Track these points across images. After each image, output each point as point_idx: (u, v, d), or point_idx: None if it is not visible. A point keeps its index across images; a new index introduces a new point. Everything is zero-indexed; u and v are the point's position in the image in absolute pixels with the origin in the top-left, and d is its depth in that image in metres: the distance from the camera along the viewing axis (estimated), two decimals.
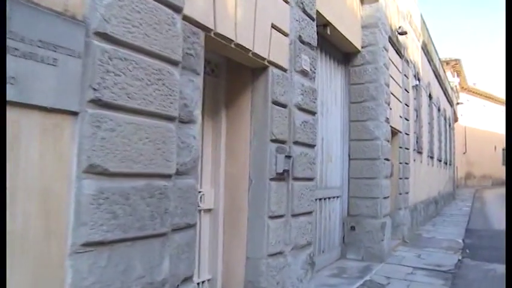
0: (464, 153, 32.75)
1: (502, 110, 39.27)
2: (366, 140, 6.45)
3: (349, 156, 6.58)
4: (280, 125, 3.46)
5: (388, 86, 6.81)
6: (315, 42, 4.11)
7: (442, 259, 6.41)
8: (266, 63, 3.43)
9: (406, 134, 8.40)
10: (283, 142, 3.49)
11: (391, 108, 7.14)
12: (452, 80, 24.44)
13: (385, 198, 6.41)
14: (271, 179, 3.34)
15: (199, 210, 3.38)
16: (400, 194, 7.94)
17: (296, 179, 3.58)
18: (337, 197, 6.36)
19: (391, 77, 7.30)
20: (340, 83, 6.60)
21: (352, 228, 6.39)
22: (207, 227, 3.46)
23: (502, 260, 5.21)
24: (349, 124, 6.63)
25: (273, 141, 3.38)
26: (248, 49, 3.18)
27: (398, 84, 8.01)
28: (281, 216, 3.42)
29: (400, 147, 7.99)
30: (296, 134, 3.62)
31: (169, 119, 2.35)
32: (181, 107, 2.47)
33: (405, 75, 8.51)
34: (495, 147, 39.40)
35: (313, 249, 5.54)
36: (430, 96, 12.48)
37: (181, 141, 2.47)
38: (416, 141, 9.91)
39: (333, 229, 6.19)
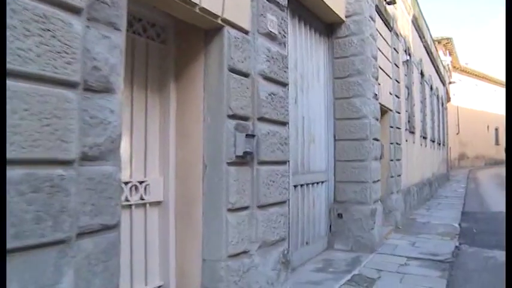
0: (457, 133, 32.38)
1: (494, 89, 38.96)
2: (353, 119, 5.85)
3: (334, 137, 5.98)
4: (240, 98, 2.83)
5: (375, 59, 6.19)
6: (284, 1, 3.46)
7: (438, 246, 5.88)
8: (220, 22, 2.78)
9: (397, 112, 7.82)
10: (244, 118, 2.86)
11: (379, 84, 6.53)
12: (444, 59, 23.84)
13: (374, 182, 5.84)
14: (230, 164, 2.73)
15: (145, 204, 2.78)
16: (392, 177, 7.39)
17: (263, 162, 2.97)
18: (323, 182, 5.78)
19: (379, 50, 6.67)
20: (323, 57, 5.96)
21: (340, 215, 5.83)
22: (155, 223, 2.86)
23: (501, 246, 4.68)
24: (333, 101, 6.02)
25: (231, 117, 2.76)
26: (193, 2, 2.53)
27: (388, 59, 7.38)
28: (244, 208, 2.82)
29: (391, 127, 7.41)
30: (261, 108, 3.00)
31: (66, 85, 1.71)
32: (90, 70, 1.83)
33: (395, 48, 7.88)
34: (488, 127, 39.11)
35: (296, 241, 5.00)
36: (422, 74, 11.88)
37: (91, 116, 1.84)
38: (408, 121, 9.34)
39: (318, 217, 5.63)
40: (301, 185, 5.13)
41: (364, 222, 5.65)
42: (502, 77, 35.60)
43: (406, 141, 8.97)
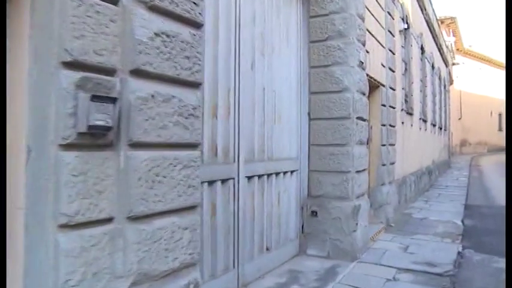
0: (459, 119, 31.12)
1: (498, 73, 37.46)
2: (332, 93, 4.63)
3: (308, 115, 4.77)
4: (91, 35, 1.61)
5: (362, 19, 4.93)
6: None
7: (436, 252, 4.72)
8: None
9: (392, 88, 6.58)
10: (101, 70, 1.65)
11: (368, 52, 5.29)
12: (447, 39, 22.42)
13: (359, 172, 4.65)
14: (64, 146, 1.53)
15: None
16: (384, 165, 6.20)
17: (140, 145, 1.77)
18: (292, 171, 4.59)
19: (368, 9, 5.41)
20: (296, 15, 4.71)
21: (314, 213, 4.66)
22: None
23: None
24: (308, 71, 4.79)
25: (70, 66, 1.55)
26: None
27: (379, 23, 6.11)
28: (99, 222, 1.63)
29: (383, 105, 6.19)
30: (139, 56, 1.77)
31: None
32: None
33: (389, 13, 6.60)
34: (491, 113, 37.77)
35: (249, 248, 3.84)
36: (422, 49, 10.58)
37: None
38: (405, 100, 8.10)
39: (285, 216, 4.46)
40: (259, 176, 3.94)
41: (344, 222, 4.48)
42: None
43: (402, 123, 7.76)
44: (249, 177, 3.78)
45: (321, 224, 4.60)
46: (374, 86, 5.95)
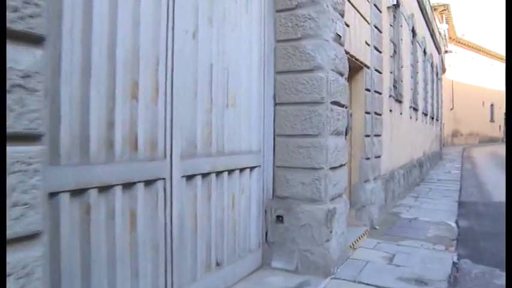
0: (451, 109, 30.53)
1: (491, 63, 36.86)
2: (302, 72, 3.79)
3: (274, 99, 3.92)
4: None
5: None
6: None
7: (427, 264, 3.95)
8: None
9: (378, 71, 5.75)
10: None
11: (348, 25, 4.45)
12: (441, 26, 21.64)
13: (334, 168, 3.82)
14: None
15: None
16: (368, 159, 5.39)
17: None
18: (253, 168, 3.76)
19: None
20: None
21: (279, 219, 3.84)
22: None
23: None
24: (274, 46, 3.93)
25: None
26: None
27: None
28: None
29: (367, 90, 5.36)
30: None
31: None
32: None
33: None
34: (483, 103, 37.26)
35: (191, 265, 3.02)
36: (413, 32, 9.75)
37: None
38: (394, 86, 7.28)
39: (244, 223, 3.65)
40: (204, 175, 3.11)
41: (316, 230, 3.67)
42: (500, 50, 33.45)
43: (391, 111, 6.95)
44: (189, 177, 2.94)
45: (288, 232, 3.78)
46: (356, 67, 5.11)
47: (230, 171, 3.43)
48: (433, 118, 14.17)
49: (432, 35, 14.34)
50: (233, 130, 3.47)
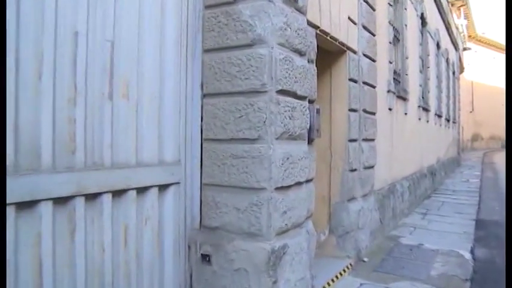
0: (471, 111, 28.75)
1: None
2: (236, 48, 2.61)
3: (202, 88, 2.75)
4: None
5: None
6: None
7: None
8: None
9: (369, 58, 4.51)
10: None
11: None
12: (458, 21, 20.08)
13: (284, 189, 2.62)
14: None
15: None
16: (353, 170, 4.16)
17: None
18: (166, 186, 2.60)
19: None
20: None
21: (206, 259, 2.66)
22: None
23: None
24: (201, 13, 2.76)
25: None
26: None
27: None
28: None
29: (353, 81, 4.14)
30: None
31: None
32: None
33: None
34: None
35: None
36: (423, 20, 8.44)
37: None
38: (396, 79, 6.02)
39: (147, 266, 2.49)
40: (60, 200, 1.96)
41: (253, 278, 2.48)
42: None
43: (390, 110, 5.69)
44: (22, 205, 1.80)
45: (217, 277, 2.61)
46: (336, 50, 3.91)
47: (118, 192, 2.27)
48: (449, 120, 12.74)
49: (448, 28, 12.93)
50: (124, 132, 2.32)
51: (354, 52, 4.18)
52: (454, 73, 14.95)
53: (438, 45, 10.75)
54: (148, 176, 2.47)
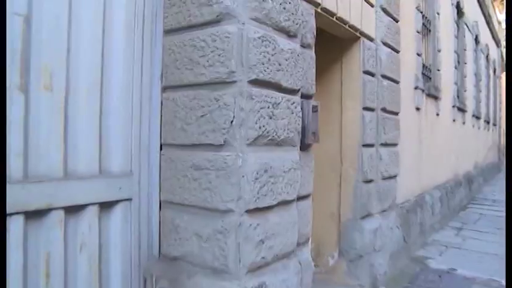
0: None
1: None
2: (200, 27, 2.00)
3: (162, 79, 2.17)
4: None
5: None
6: None
7: None
8: None
9: (390, 47, 3.80)
10: None
11: None
12: (501, 16, 18.63)
13: (260, 211, 1.99)
14: None
15: None
16: (369, 181, 3.46)
17: None
18: (114, 202, 2.03)
19: None
20: None
21: None
22: None
23: None
24: None
25: None
26: None
27: None
28: None
29: (368, 74, 3.44)
30: None
31: None
32: None
33: None
34: None
35: None
36: (459, 10, 7.54)
37: None
38: (425, 74, 5.24)
39: None
40: None
41: None
42: None
43: (418, 110, 4.92)
44: None
45: None
46: (347, 36, 3.24)
47: (35, 214, 1.72)
48: (488, 122, 11.63)
49: (488, 22, 11.83)
50: (46, 134, 1.77)
51: (370, 39, 3.48)
52: (494, 71, 13.74)
53: (477, 40, 9.74)
54: (82, 192, 1.90)
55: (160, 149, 2.17)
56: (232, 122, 1.85)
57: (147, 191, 2.18)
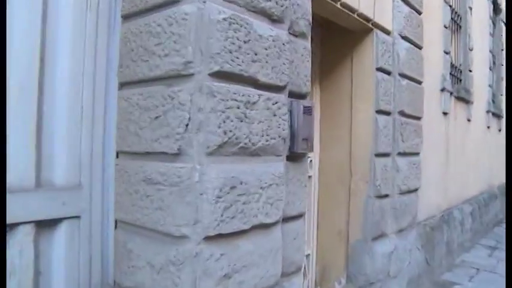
0: None
1: None
2: (157, 9, 1.63)
3: (119, 75, 1.81)
4: None
5: None
6: None
7: None
8: None
9: (411, 42, 3.32)
10: None
11: None
12: None
13: (228, 237, 1.58)
14: None
15: None
16: (383, 196, 2.98)
17: None
18: (57, 221, 1.68)
19: None
20: None
21: None
22: None
23: None
24: None
25: None
26: None
27: None
28: None
29: (384, 72, 2.97)
30: None
31: None
32: None
33: None
34: None
35: None
36: (495, 5, 6.88)
37: None
38: (454, 75, 4.69)
39: None
40: None
41: None
42: None
43: (445, 114, 4.38)
44: None
45: None
46: (357, 28, 2.81)
47: None
48: None
49: None
50: None
51: (386, 32, 3.02)
52: None
53: None
54: (11, 208, 1.56)
55: (116, 157, 1.82)
56: (187, 125, 1.47)
57: (101, 208, 1.82)
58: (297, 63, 1.96)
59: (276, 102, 1.76)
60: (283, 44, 1.80)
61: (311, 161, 2.94)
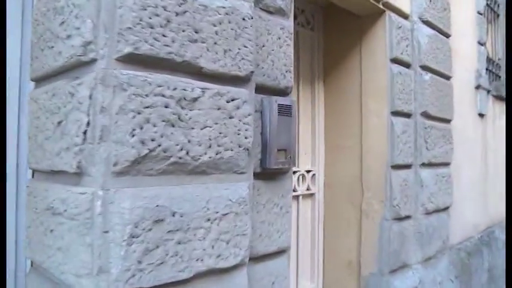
0: None
1: None
2: None
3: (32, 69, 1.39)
4: None
5: None
6: None
7: None
8: None
9: (432, 27, 2.75)
10: None
11: None
12: None
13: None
14: None
15: None
16: (402, 218, 2.41)
17: None
18: None
19: None
20: None
21: None
22: None
23: None
24: None
25: None
26: None
27: None
28: None
29: (400, 63, 2.43)
30: None
31: None
32: None
33: None
34: None
35: None
36: None
37: None
38: (490, 70, 4.04)
39: None
40: None
41: None
42: None
43: (482, 116, 3.74)
44: None
45: None
46: (366, 11, 2.30)
47: None
48: None
49: None
50: None
51: (403, 15, 2.48)
52: None
53: None
54: None
55: (32, 176, 1.39)
56: (85, 132, 1.02)
57: (14, 245, 1.40)
58: (271, 48, 1.48)
59: (233, 99, 1.29)
60: (244, 19, 1.33)
61: (314, 175, 2.43)
